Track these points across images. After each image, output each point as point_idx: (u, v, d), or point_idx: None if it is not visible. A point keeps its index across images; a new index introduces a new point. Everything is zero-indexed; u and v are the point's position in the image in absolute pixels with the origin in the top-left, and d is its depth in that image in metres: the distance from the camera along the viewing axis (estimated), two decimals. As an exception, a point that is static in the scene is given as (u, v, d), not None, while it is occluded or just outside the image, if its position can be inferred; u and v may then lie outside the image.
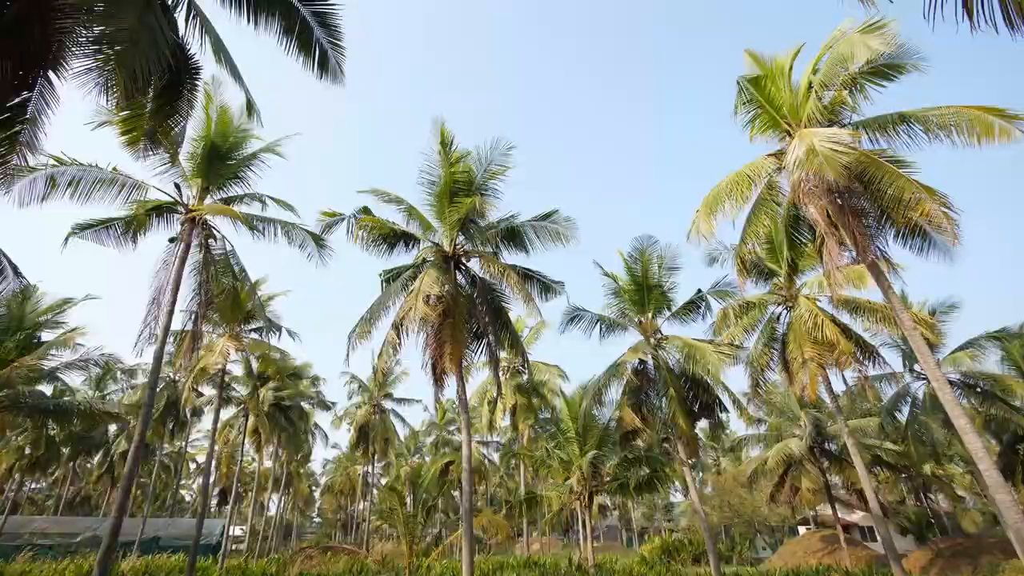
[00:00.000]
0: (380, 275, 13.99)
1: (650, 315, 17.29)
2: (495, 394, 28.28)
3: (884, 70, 11.09)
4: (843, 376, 19.44)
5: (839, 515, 26.26)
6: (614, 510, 57.10)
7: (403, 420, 36.39)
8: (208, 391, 28.91)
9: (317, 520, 77.56)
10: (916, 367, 21.54)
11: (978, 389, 19.70)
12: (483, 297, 13.23)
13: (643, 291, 17.11)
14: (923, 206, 10.29)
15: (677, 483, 41.07)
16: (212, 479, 40.26)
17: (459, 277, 13.51)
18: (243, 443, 28.55)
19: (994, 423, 20.69)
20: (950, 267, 11.65)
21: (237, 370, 27.32)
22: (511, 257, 13.82)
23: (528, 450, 25.89)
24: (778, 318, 18.16)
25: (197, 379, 20.85)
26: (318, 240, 13.18)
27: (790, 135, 11.71)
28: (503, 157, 12.82)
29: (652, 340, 17.22)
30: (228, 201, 13.22)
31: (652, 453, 20.68)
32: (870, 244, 11.10)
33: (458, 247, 13.43)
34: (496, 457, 45.18)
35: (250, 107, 9.33)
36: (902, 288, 21.27)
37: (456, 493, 45.72)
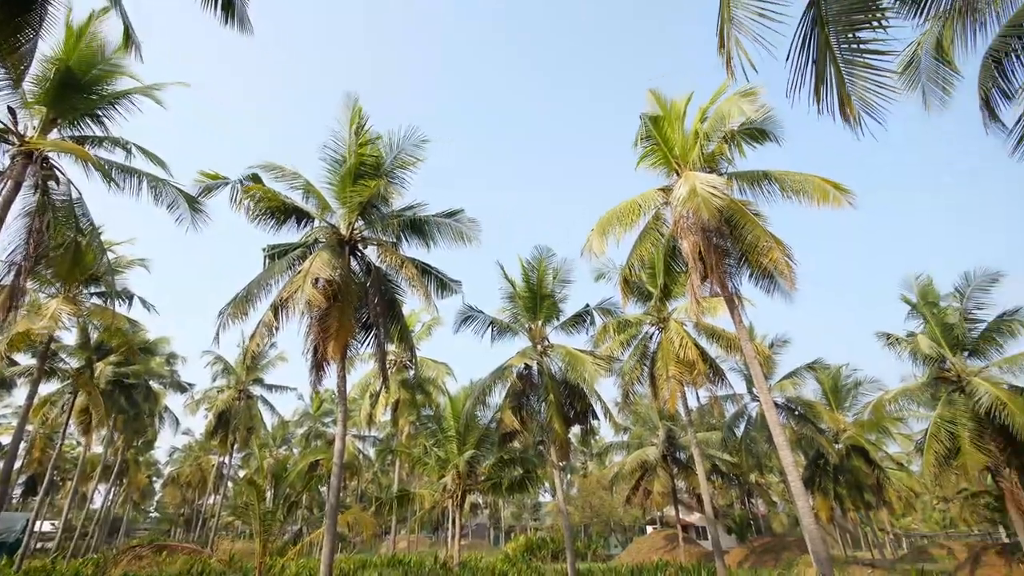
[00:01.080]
0: (264, 250, 12.90)
1: (540, 322, 18.04)
2: (378, 388, 27.43)
3: (755, 133, 12.86)
4: (697, 394, 21.95)
5: (681, 516, 29.54)
6: (485, 508, 58.27)
7: (272, 408, 33.74)
8: (25, 360, 24.24)
9: (154, 515, 68.64)
10: (753, 390, 25.08)
11: (796, 412, 23.49)
12: (377, 287, 12.81)
13: (536, 299, 17.80)
14: (772, 254, 12.06)
15: (547, 484, 43.10)
16: (18, 464, 33.69)
17: (353, 263, 12.95)
18: (67, 424, 24.34)
19: (803, 441, 24.80)
20: (790, 306, 13.78)
21: (69, 339, 23.32)
22: (411, 249, 13.58)
23: (406, 447, 25.48)
24: (651, 337, 20.00)
25: (14, 345, 17.38)
26: (192, 202, 11.79)
27: (678, 174, 13.04)
28: (415, 148, 12.56)
29: (539, 347, 17.97)
30: (80, 141, 11.30)
31: (527, 455, 21.54)
32: (728, 280, 12.74)
33: (356, 231, 12.87)
34: (372, 452, 43.75)
35: (128, 37, 8.12)
36: (749, 321, 24.62)
37: (325, 488, 43.37)
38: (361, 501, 47.50)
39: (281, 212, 12.54)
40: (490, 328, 18.13)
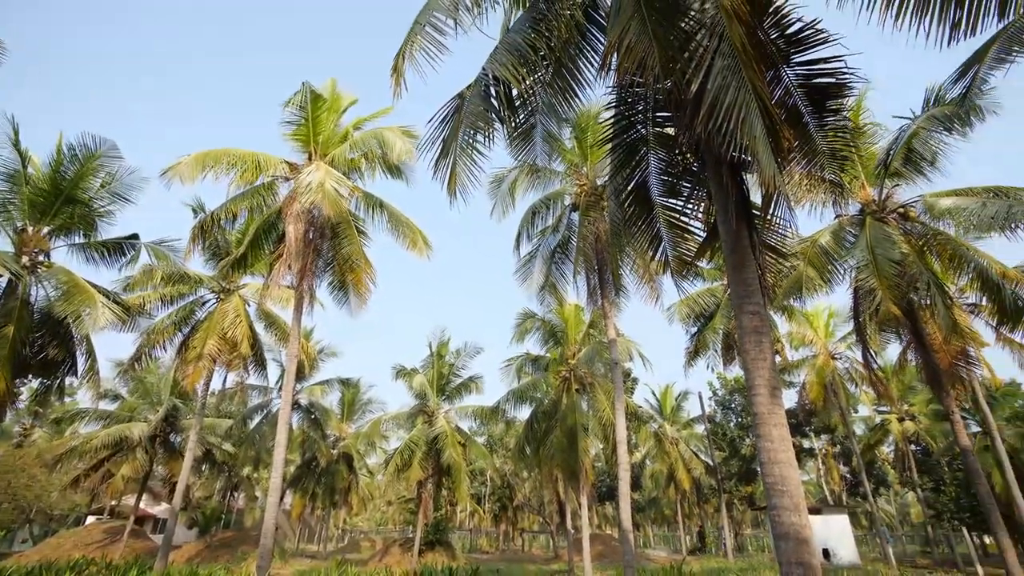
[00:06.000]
0: None
1: (46, 229, 12.88)
2: None
3: (394, 167, 14.14)
4: (226, 376, 20.36)
5: (144, 506, 25.44)
6: None
7: None
8: None
9: None
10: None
11: (313, 416, 25.19)
12: None
13: (57, 197, 12.66)
14: (359, 272, 13.12)
15: (-62, 450, 29.20)
16: None
17: None
18: None
19: (307, 443, 26.58)
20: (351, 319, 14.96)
21: None
22: None
23: None
24: (204, 303, 17.60)
25: None
26: None
27: (311, 160, 12.70)
28: None
29: (28, 259, 12.65)
30: None
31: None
32: (311, 278, 12.94)
33: None
34: None
35: None
36: (314, 322, 25.45)
37: None
38: None
39: None
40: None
